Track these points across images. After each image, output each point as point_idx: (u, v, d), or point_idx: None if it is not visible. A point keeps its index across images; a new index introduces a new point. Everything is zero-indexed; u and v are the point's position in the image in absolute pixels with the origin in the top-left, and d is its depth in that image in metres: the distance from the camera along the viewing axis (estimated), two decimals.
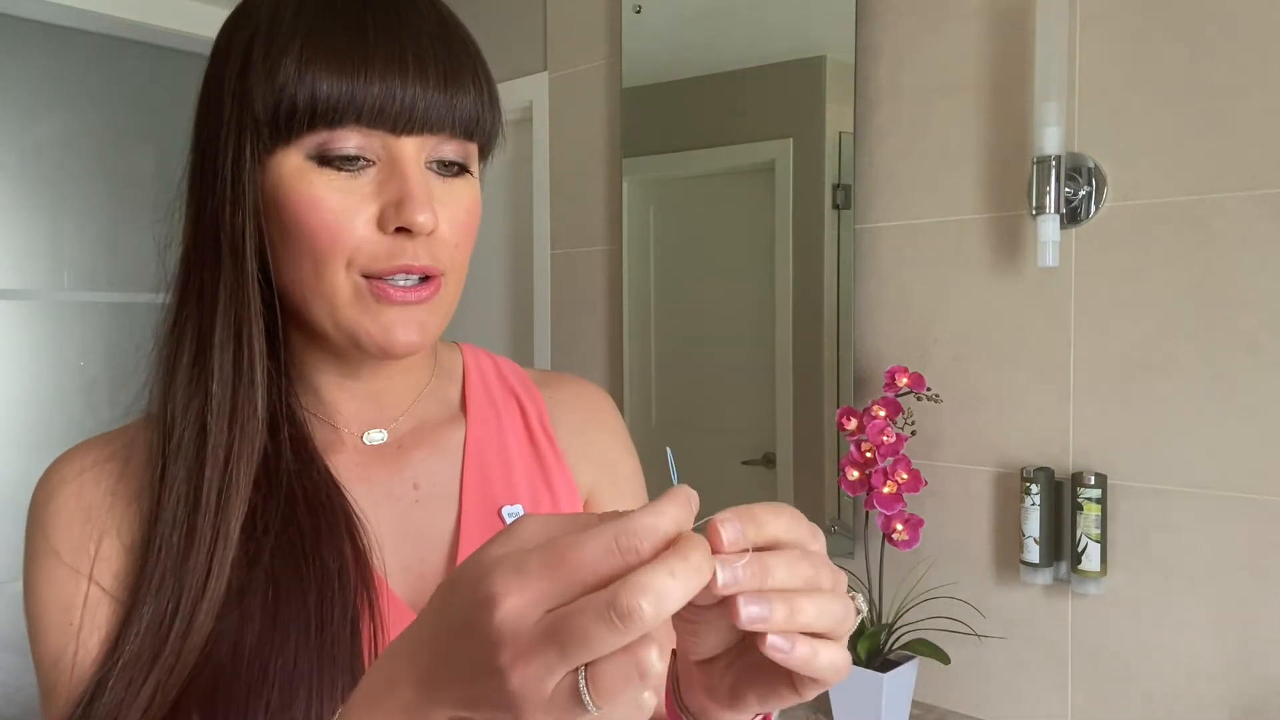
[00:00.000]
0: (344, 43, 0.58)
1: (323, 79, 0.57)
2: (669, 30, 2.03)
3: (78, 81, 2.35)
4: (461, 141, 0.63)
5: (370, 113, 0.58)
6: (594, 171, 2.23)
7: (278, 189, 0.60)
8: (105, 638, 0.61)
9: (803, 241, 1.81)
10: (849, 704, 1.52)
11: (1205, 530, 1.38)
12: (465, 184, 0.64)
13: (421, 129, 0.60)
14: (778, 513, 0.41)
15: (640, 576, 0.35)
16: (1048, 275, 1.51)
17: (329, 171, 0.59)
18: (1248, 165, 1.34)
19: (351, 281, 0.60)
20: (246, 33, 0.60)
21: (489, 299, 2.65)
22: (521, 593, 0.36)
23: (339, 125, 0.58)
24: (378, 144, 0.60)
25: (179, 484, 0.61)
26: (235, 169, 0.60)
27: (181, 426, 0.62)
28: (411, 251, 0.60)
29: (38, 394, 2.32)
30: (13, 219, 2.33)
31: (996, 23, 1.56)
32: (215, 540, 0.60)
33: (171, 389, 0.63)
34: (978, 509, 1.60)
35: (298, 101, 0.57)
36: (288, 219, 0.60)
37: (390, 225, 0.59)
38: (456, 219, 0.63)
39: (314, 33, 0.58)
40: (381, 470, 0.69)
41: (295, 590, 0.60)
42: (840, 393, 1.75)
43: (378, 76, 0.58)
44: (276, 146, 0.59)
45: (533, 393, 0.78)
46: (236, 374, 0.62)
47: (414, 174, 0.60)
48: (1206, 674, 1.38)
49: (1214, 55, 1.36)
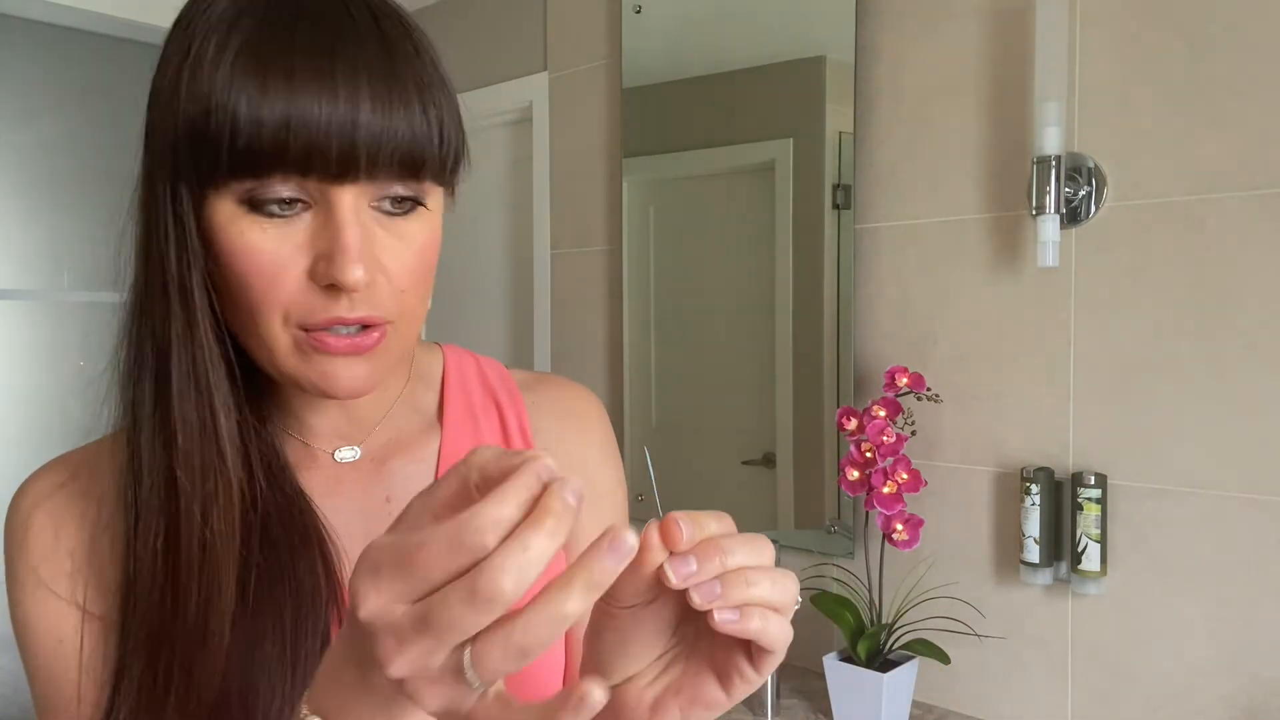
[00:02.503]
0: (273, 86, 0.52)
1: (247, 129, 0.52)
2: (669, 30, 2.03)
3: (78, 81, 2.35)
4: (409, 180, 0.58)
5: (301, 164, 0.53)
6: (594, 171, 2.23)
7: (213, 233, 0.56)
8: (91, 659, 0.61)
9: (803, 241, 1.81)
10: (849, 704, 1.52)
11: (1205, 530, 1.38)
12: (418, 221, 0.59)
13: (357, 176, 0.54)
14: (719, 517, 0.43)
15: (495, 557, 0.36)
16: (1048, 275, 1.51)
17: (260, 219, 0.55)
18: (1248, 165, 1.34)
19: (289, 334, 0.57)
20: (176, 60, 0.55)
21: (489, 299, 2.65)
22: (379, 593, 0.39)
23: (267, 176, 0.53)
24: (313, 187, 0.55)
25: (152, 540, 0.59)
26: (175, 209, 0.56)
27: (150, 479, 0.59)
28: (346, 305, 0.56)
29: (38, 394, 2.32)
30: (13, 219, 2.33)
31: (996, 23, 1.56)
32: (207, 598, 0.58)
33: (136, 435, 0.60)
34: (978, 509, 1.60)
35: (221, 150, 0.53)
36: (224, 266, 0.56)
37: (321, 280, 0.55)
38: (405, 262, 0.58)
39: (241, 72, 0.53)
40: (354, 485, 0.68)
41: (271, 610, 0.59)
42: (840, 393, 1.75)
43: (308, 127, 0.52)
44: (208, 191, 0.55)
45: (515, 397, 0.75)
46: (201, 424, 0.59)
47: (348, 225, 0.54)
48: (1206, 674, 1.38)
49: (1214, 55, 1.36)
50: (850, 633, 1.55)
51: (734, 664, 0.45)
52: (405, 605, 0.38)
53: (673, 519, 0.42)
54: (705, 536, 0.42)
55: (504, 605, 0.37)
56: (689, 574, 0.41)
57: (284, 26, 0.54)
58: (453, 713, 0.40)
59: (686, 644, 0.47)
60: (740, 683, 0.45)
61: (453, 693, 0.39)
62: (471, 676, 0.38)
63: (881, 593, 1.59)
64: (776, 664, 0.45)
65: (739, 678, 0.45)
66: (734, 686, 0.46)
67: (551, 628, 0.37)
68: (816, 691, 1.66)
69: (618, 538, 0.38)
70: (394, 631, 0.38)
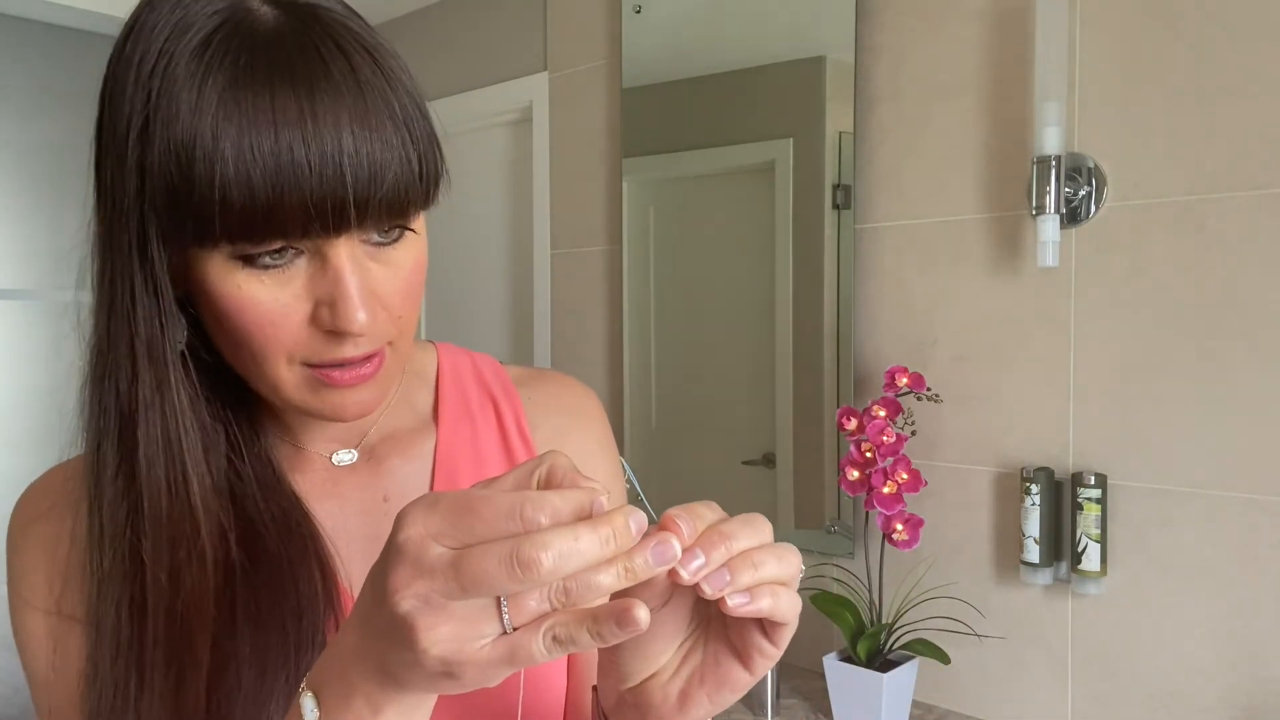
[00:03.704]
0: (255, 143, 0.50)
1: (237, 193, 0.50)
2: (669, 30, 2.03)
3: (78, 81, 2.35)
4: None
5: (294, 228, 0.52)
6: (594, 171, 2.23)
7: (204, 282, 0.55)
8: (80, 671, 0.60)
9: (803, 241, 1.81)
10: (849, 704, 1.52)
11: (1205, 530, 1.38)
12: (406, 246, 0.58)
13: (348, 228, 0.54)
14: (709, 506, 0.45)
15: (546, 534, 0.38)
16: (1048, 275, 1.51)
17: (256, 271, 0.54)
18: (1248, 165, 1.34)
19: (295, 372, 0.57)
20: (138, 108, 0.52)
21: (489, 299, 2.65)
22: (426, 524, 0.40)
23: (261, 242, 0.52)
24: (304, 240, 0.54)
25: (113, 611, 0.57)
26: (145, 270, 0.54)
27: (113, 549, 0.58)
28: (351, 344, 0.56)
29: (38, 394, 2.32)
30: (13, 219, 2.33)
31: (996, 23, 1.56)
32: (180, 668, 0.56)
33: (99, 499, 0.58)
34: (978, 509, 1.60)
35: (212, 218, 0.51)
36: (219, 314, 0.55)
37: (325, 326, 0.55)
38: (398, 289, 0.58)
39: (219, 133, 0.50)
40: (351, 485, 0.68)
41: (273, 624, 0.58)
42: (840, 393, 1.75)
43: (298, 184, 0.51)
44: (190, 251, 0.54)
45: (511, 394, 0.75)
46: (171, 490, 0.57)
47: (346, 273, 0.54)
48: (1206, 674, 1.38)
49: (1214, 55, 1.36)
50: (850, 633, 1.55)
51: (750, 642, 0.46)
52: (442, 547, 0.40)
53: (671, 518, 0.42)
54: (705, 527, 0.43)
55: (535, 579, 0.38)
56: (699, 568, 0.42)
57: (261, 84, 0.51)
58: (453, 664, 0.40)
59: (701, 632, 0.49)
60: (760, 659, 0.47)
61: (465, 634, 0.40)
62: (508, 621, 0.39)
63: (881, 593, 1.59)
64: (791, 634, 0.46)
65: (758, 654, 0.47)
66: (754, 663, 0.47)
67: (584, 591, 0.39)
68: (816, 691, 1.66)
69: (665, 542, 0.40)
70: (421, 563, 0.40)
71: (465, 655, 0.40)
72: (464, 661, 0.40)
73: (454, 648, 0.40)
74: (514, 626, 0.40)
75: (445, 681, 0.41)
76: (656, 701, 0.48)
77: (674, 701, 0.48)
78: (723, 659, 0.47)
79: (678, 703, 0.48)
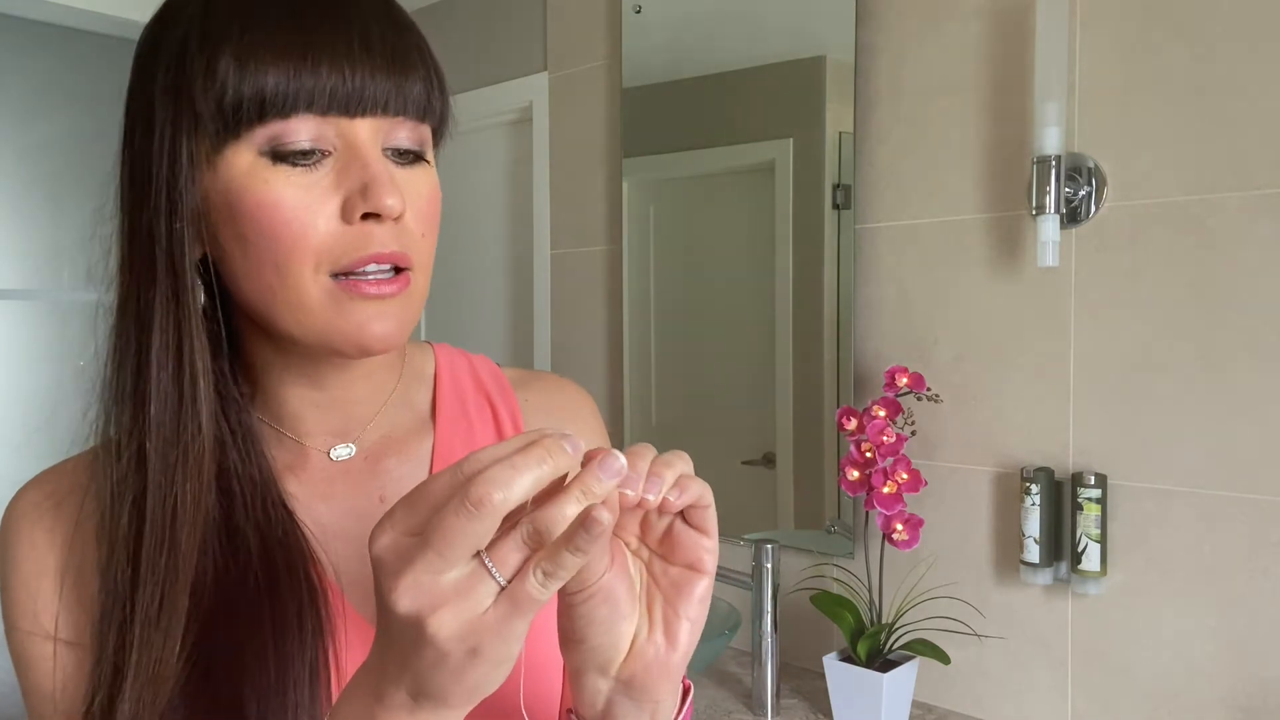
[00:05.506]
0: (287, 29, 0.56)
1: (268, 68, 0.55)
2: (669, 30, 2.03)
3: (78, 81, 2.35)
4: (415, 125, 0.61)
5: (322, 97, 0.56)
6: (594, 171, 2.23)
7: (229, 191, 0.57)
8: (66, 686, 0.61)
9: (803, 241, 1.81)
10: (849, 704, 1.52)
11: (1205, 530, 1.38)
12: (423, 172, 0.62)
13: (375, 110, 0.57)
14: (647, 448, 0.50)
15: (486, 470, 0.41)
16: (1048, 275, 1.51)
17: (284, 168, 0.56)
18: (1248, 165, 1.34)
19: (320, 285, 0.57)
20: (178, 31, 0.57)
21: (489, 299, 2.65)
22: (391, 528, 0.43)
23: (291, 114, 0.55)
24: (331, 132, 0.57)
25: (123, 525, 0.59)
26: (171, 176, 0.57)
27: (126, 454, 0.59)
28: (380, 238, 0.57)
29: (38, 394, 2.32)
30: (13, 219, 2.33)
31: (996, 23, 1.57)
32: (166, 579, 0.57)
33: (117, 415, 0.60)
34: (978, 509, 1.60)
35: (244, 94, 0.55)
36: (244, 224, 0.57)
37: (356, 214, 0.57)
38: (419, 208, 0.60)
39: (253, 21, 0.56)
40: (347, 486, 0.67)
41: (257, 640, 0.58)
42: (840, 393, 1.75)
43: (325, 60, 0.56)
44: (225, 145, 0.56)
45: (508, 395, 0.75)
46: (178, 393, 0.59)
47: (374, 158, 0.58)
48: (1206, 674, 1.38)
49: (1214, 55, 1.36)
50: (850, 633, 1.55)
51: (689, 546, 0.50)
52: (412, 536, 0.42)
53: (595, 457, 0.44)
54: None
55: (492, 512, 0.40)
56: (635, 480, 0.46)
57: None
58: (468, 638, 0.42)
59: (649, 575, 0.52)
60: (707, 555, 0.51)
61: (466, 605, 0.41)
62: (495, 572, 0.42)
63: (881, 593, 1.59)
64: (715, 516, 0.51)
65: (704, 552, 0.51)
66: (704, 562, 0.51)
67: (552, 526, 0.41)
68: (816, 691, 1.66)
69: (608, 457, 0.43)
70: (399, 553, 0.42)
71: (476, 624, 0.42)
72: (477, 631, 0.42)
73: (462, 621, 0.41)
74: (506, 581, 0.42)
75: (472, 665, 0.42)
76: (650, 655, 0.51)
77: (663, 643, 0.51)
78: (678, 579, 0.51)
79: (666, 642, 0.51)
